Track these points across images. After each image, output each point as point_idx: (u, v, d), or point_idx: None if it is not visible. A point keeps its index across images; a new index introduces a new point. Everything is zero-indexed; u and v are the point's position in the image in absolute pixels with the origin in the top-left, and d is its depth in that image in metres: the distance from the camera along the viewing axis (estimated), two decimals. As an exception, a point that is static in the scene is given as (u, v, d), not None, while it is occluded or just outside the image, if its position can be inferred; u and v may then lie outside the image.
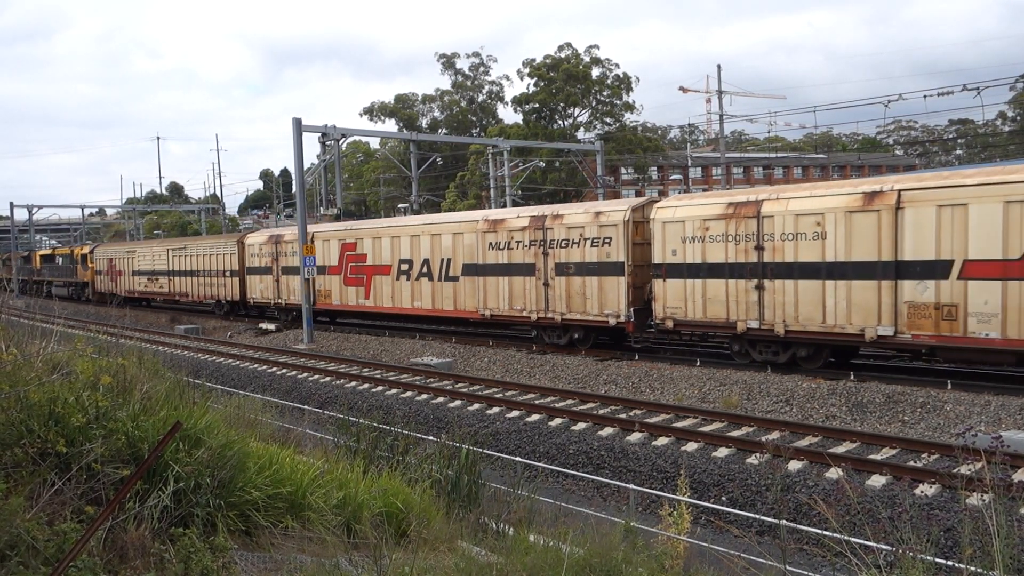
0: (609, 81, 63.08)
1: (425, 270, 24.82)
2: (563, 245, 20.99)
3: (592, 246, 20.34)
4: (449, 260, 24.14)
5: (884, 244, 15.17)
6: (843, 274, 15.74)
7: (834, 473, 10.73)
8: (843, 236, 15.73)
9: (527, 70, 63.18)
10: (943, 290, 14.48)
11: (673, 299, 18.42)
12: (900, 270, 14.99)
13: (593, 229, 20.34)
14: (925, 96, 30.62)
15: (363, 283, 27.47)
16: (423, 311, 25.32)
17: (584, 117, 65.31)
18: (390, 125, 74.57)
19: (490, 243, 22.75)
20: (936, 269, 14.57)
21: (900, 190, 15.07)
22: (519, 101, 63.96)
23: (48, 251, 63.67)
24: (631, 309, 19.52)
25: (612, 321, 19.98)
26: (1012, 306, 13.72)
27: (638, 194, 74.18)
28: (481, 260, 23.03)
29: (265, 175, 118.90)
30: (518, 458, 12.35)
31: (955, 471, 9.86)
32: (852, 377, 16.10)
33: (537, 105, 62.74)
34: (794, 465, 11.51)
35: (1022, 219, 13.62)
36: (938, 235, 14.55)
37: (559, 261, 21.08)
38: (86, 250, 51.91)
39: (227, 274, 36.26)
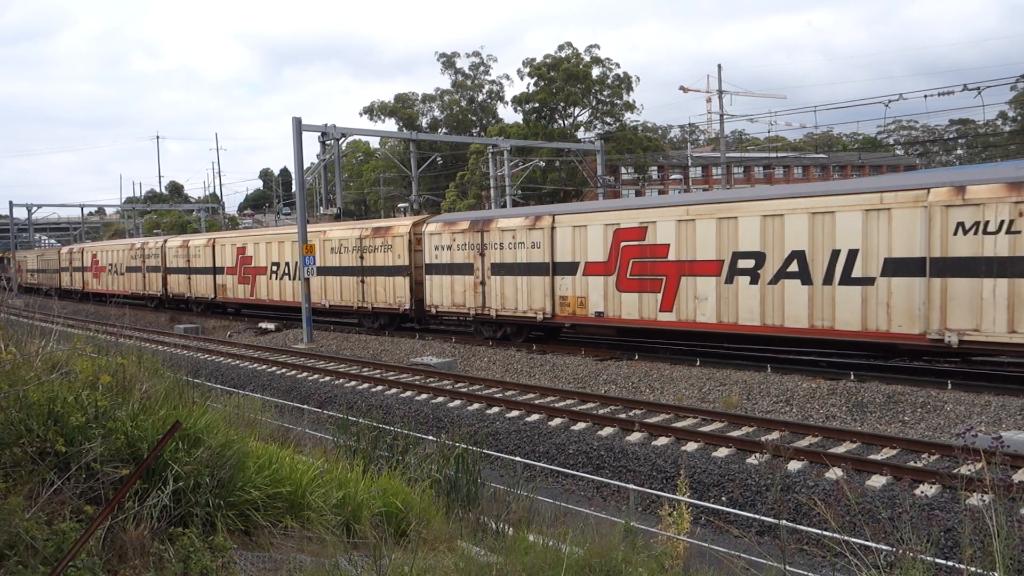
0: (609, 81, 63.01)
1: (122, 269, 46.97)
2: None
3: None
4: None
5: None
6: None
7: (834, 473, 10.72)
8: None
9: (527, 69, 63.11)
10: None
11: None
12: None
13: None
14: (926, 96, 30.56)
15: (98, 276, 50.03)
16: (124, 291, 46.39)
17: (584, 117, 65.27)
18: (390, 124, 74.54)
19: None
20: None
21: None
22: (519, 101, 63.91)
23: None
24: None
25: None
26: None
27: (638, 194, 74.21)
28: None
29: (265, 174, 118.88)
30: (518, 458, 12.35)
31: (955, 471, 9.86)
32: (852, 377, 16.10)
33: (537, 105, 62.68)
34: (794, 465, 11.50)
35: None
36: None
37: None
38: (9, 255, 73.80)
39: (58, 271, 57.94)
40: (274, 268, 32.64)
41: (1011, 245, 13.76)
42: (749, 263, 17.39)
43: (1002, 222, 13.81)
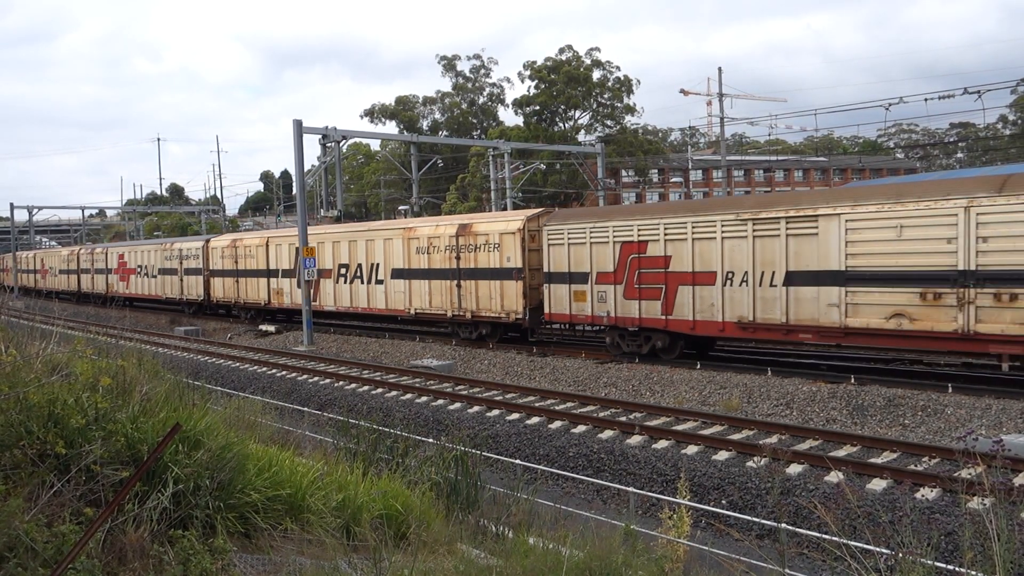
0: (610, 83, 63.10)
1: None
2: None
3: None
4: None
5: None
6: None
7: (834, 477, 10.71)
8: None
9: (528, 72, 63.23)
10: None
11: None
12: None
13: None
14: (926, 99, 30.59)
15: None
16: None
17: (585, 119, 65.36)
18: (391, 127, 74.60)
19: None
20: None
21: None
22: (520, 103, 63.99)
23: None
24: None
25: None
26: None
27: (639, 196, 74.27)
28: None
29: (265, 176, 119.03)
30: (518, 461, 12.34)
31: (956, 475, 9.86)
32: (853, 380, 16.10)
33: (538, 107, 62.78)
34: (794, 469, 11.49)
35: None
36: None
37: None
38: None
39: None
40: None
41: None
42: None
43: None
